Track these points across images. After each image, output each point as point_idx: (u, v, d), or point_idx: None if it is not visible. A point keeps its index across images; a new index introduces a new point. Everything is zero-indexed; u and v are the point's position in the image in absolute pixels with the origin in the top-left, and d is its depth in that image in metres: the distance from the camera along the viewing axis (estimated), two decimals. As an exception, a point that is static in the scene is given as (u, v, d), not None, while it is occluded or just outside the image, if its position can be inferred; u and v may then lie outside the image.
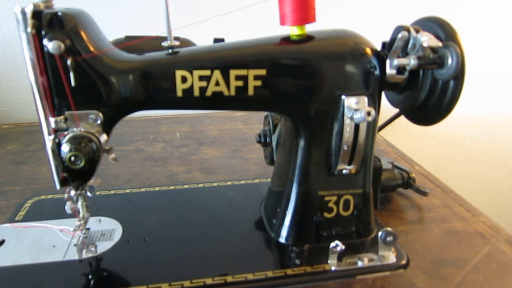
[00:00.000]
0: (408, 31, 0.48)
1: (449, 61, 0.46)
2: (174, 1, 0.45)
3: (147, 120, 1.10)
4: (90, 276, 0.51)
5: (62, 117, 0.45)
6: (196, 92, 0.47)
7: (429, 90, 0.51)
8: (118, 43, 0.49)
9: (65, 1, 0.46)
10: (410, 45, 0.49)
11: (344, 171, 0.53)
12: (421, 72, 0.51)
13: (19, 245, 0.56)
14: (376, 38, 0.52)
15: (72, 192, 0.51)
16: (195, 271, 0.51)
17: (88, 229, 0.58)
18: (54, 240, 0.57)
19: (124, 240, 0.57)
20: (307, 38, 0.50)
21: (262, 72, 0.48)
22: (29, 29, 0.41)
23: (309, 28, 0.49)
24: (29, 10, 0.41)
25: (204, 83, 0.47)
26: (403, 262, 0.54)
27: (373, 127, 0.52)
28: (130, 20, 1.07)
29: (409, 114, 0.56)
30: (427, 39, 0.47)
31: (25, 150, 0.91)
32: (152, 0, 1.06)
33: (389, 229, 0.52)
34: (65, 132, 0.45)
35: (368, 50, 0.50)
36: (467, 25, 1.22)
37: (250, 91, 0.48)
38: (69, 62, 0.42)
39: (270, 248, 0.57)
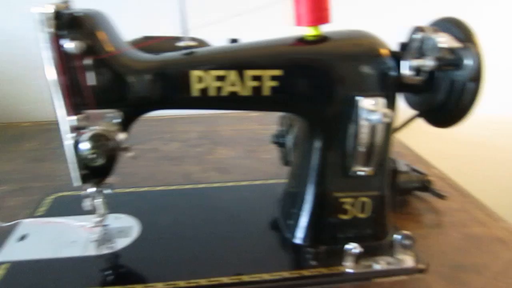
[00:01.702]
0: (425, 32, 0.48)
1: (467, 62, 0.46)
2: (190, 2, 0.46)
3: (163, 119, 1.11)
4: (108, 272, 0.52)
5: (81, 115, 0.46)
6: (212, 92, 0.48)
7: (447, 92, 0.50)
8: (136, 43, 0.50)
9: (83, 2, 0.47)
10: (427, 46, 0.48)
11: (360, 173, 0.53)
12: (438, 73, 0.51)
13: (40, 240, 0.57)
14: (392, 39, 0.51)
15: (92, 189, 0.52)
16: (211, 270, 0.52)
17: (107, 225, 0.59)
18: (73, 236, 0.58)
19: (141, 237, 0.58)
20: (322, 38, 0.49)
21: (278, 72, 0.48)
22: (49, 30, 0.41)
23: (324, 29, 0.49)
24: (49, 11, 0.42)
25: (220, 83, 0.47)
26: (421, 266, 0.53)
27: (389, 129, 0.51)
28: (145, 20, 1.08)
29: (426, 116, 0.55)
30: (444, 40, 0.46)
31: (44, 147, 0.93)
32: (168, 1, 1.07)
33: (406, 232, 0.52)
34: (84, 131, 0.46)
35: (384, 51, 0.49)
36: (486, 25, 1.19)
37: (266, 92, 0.48)
38: (88, 61, 0.43)
39: (286, 248, 0.57)
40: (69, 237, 0.58)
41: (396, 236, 0.52)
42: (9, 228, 0.60)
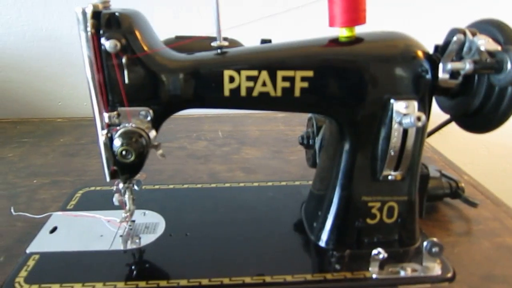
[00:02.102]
0: (464, 33, 0.46)
1: (508, 66, 0.44)
2: (222, 2, 0.46)
3: (191, 118, 1.12)
4: (133, 267, 0.53)
5: (115, 112, 0.47)
6: (243, 92, 0.48)
7: (484, 97, 0.49)
8: (169, 43, 0.51)
9: (117, 1, 0.48)
10: (465, 49, 0.47)
11: (389, 177, 0.52)
12: (476, 77, 0.49)
13: (70, 232, 0.59)
14: (428, 41, 0.50)
15: (120, 185, 0.53)
16: (234, 269, 0.52)
17: (133, 221, 0.60)
18: (101, 230, 0.59)
19: (167, 234, 0.59)
20: (356, 40, 0.49)
21: (309, 73, 0.47)
22: (89, 29, 0.43)
23: (359, 30, 0.49)
24: (89, 11, 0.43)
25: (251, 83, 0.48)
26: (449, 275, 0.51)
27: (422, 133, 0.50)
28: (177, 21, 1.10)
29: (460, 120, 0.54)
30: (484, 43, 0.45)
31: (76, 143, 0.96)
32: (200, 2, 1.08)
33: (435, 239, 0.51)
34: (117, 127, 0.47)
35: (420, 53, 0.48)
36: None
37: (297, 93, 0.48)
38: (124, 60, 0.44)
39: (309, 251, 0.57)
40: (97, 231, 0.59)
41: (424, 243, 0.51)
42: (40, 220, 0.62)
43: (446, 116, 0.56)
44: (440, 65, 0.47)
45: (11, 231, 0.62)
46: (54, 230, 0.59)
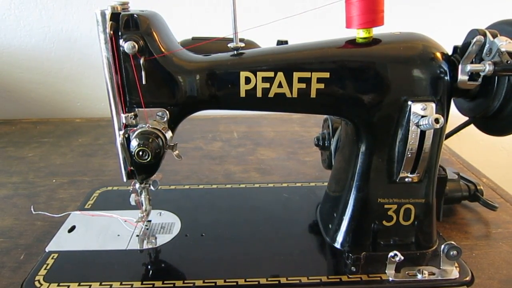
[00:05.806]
0: (484, 35, 0.46)
1: (530, 67, 0.43)
2: (238, 3, 0.46)
3: (206, 119, 1.13)
4: (149, 267, 0.53)
5: (132, 113, 0.48)
6: (259, 93, 0.48)
7: (504, 98, 0.48)
8: (186, 44, 0.51)
9: (134, 3, 0.48)
10: (485, 50, 0.46)
11: (406, 179, 0.51)
12: (496, 79, 0.48)
13: (88, 231, 0.60)
14: (447, 42, 0.49)
15: (137, 185, 0.54)
16: (250, 270, 0.52)
17: (150, 221, 0.61)
18: (118, 230, 0.60)
19: (183, 234, 0.59)
20: (374, 41, 0.48)
21: (326, 75, 0.47)
22: (107, 30, 0.43)
23: (375, 30, 0.48)
24: (108, 12, 0.44)
25: (267, 85, 0.48)
26: (467, 278, 0.51)
27: (440, 135, 0.49)
28: (194, 21, 1.11)
29: (480, 122, 0.53)
30: (505, 44, 0.44)
31: (94, 143, 0.98)
32: (217, 3, 1.09)
33: (453, 242, 0.50)
34: (134, 128, 0.48)
35: (438, 55, 0.48)
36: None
37: (313, 94, 0.48)
38: (141, 61, 0.45)
39: (325, 252, 0.57)
40: (114, 230, 0.60)
41: (442, 246, 0.50)
42: (59, 219, 0.63)
43: (465, 118, 0.55)
44: (460, 67, 0.46)
45: (31, 229, 0.63)
46: (72, 229, 0.61)
